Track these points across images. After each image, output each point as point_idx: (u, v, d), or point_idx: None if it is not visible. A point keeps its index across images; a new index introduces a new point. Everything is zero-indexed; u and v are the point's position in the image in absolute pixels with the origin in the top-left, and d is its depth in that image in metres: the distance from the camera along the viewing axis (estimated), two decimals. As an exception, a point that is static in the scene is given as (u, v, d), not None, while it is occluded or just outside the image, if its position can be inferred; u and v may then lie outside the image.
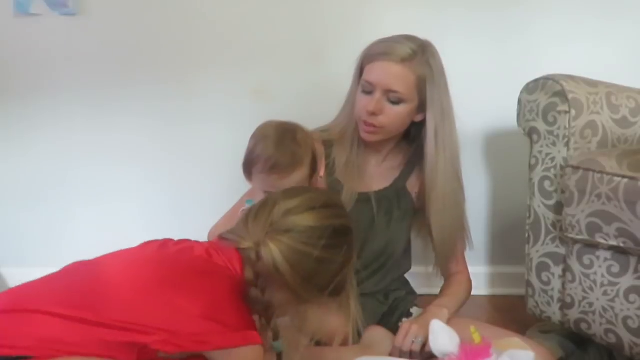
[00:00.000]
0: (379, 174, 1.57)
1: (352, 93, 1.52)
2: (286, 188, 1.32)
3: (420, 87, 1.43)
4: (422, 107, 1.46)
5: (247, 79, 2.15)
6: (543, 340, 1.61)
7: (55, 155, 2.23)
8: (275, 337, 1.08)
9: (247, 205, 1.41)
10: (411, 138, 1.58)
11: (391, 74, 1.41)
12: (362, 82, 1.45)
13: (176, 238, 2.21)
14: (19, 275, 2.26)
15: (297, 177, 1.35)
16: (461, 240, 1.61)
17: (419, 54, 1.43)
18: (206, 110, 2.18)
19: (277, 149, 1.33)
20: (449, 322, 1.33)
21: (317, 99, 1.54)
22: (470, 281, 1.63)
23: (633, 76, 1.76)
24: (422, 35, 1.51)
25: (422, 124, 1.50)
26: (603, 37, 2.07)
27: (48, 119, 2.19)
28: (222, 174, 2.18)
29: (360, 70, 1.48)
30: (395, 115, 1.44)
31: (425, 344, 1.33)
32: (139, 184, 2.24)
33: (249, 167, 1.38)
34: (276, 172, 1.33)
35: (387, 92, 1.41)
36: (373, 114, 1.42)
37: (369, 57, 1.45)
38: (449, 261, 1.61)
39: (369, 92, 1.43)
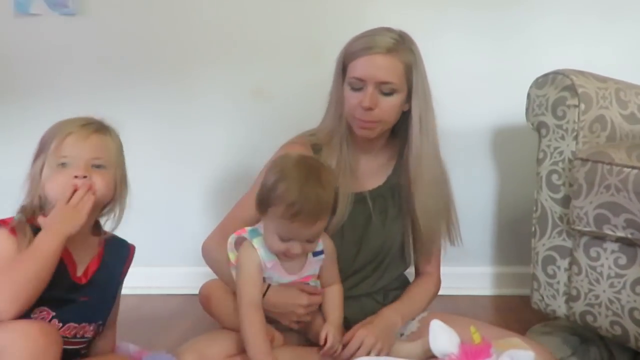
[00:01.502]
0: (371, 172, 1.56)
1: (335, 94, 1.50)
2: (306, 237, 1.27)
3: (408, 75, 1.43)
4: (409, 95, 1.46)
5: (247, 79, 2.16)
6: (543, 341, 1.61)
7: None
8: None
9: (249, 238, 1.33)
10: (395, 132, 1.57)
11: (381, 66, 1.40)
12: (349, 80, 1.43)
13: (176, 235, 2.22)
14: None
15: (321, 225, 1.27)
16: (440, 238, 1.58)
17: (401, 42, 1.43)
18: (206, 110, 2.19)
19: (302, 193, 1.21)
20: (448, 321, 1.31)
21: (317, 99, 1.54)
22: (438, 284, 1.60)
23: (633, 75, 1.78)
24: (422, 34, 1.52)
25: (405, 114, 1.50)
26: (603, 36, 2.09)
27: (47, 119, 2.13)
28: (222, 174, 2.20)
29: (343, 70, 1.47)
30: (389, 107, 1.43)
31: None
32: (138, 184, 2.23)
33: (265, 205, 1.27)
34: (299, 220, 1.22)
35: (379, 84, 1.40)
36: (369, 109, 1.41)
37: (352, 54, 1.44)
38: (424, 257, 1.59)
39: (358, 89, 1.42)
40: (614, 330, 1.39)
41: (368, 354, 1.31)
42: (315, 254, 1.36)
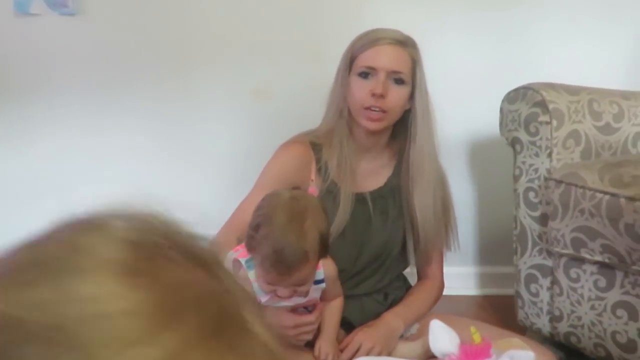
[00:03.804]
0: (371, 173, 1.55)
1: (338, 90, 1.48)
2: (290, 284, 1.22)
3: (414, 71, 1.44)
4: (412, 93, 1.45)
5: (246, 79, 2.14)
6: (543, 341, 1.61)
7: (54, 155, 2.22)
8: None
9: (245, 268, 1.28)
10: (395, 133, 1.56)
11: (393, 55, 1.41)
12: (359, 70, 1.42)
13: None
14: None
15: (303, 273, 1.22)
16: (441, 240, 1.55)
17: (409, 39, 1.44)
18: (206, 110, 2.18)
19: (278, 244, 1.16)
20: (448, 321, 1.30)
21: (317, 99, 1.53)
22: (441, 287, 1.58)
23: (631, 77, 1.74)
24: (421, 34, 1.50)
25: (406, 114, 1.48)
26: (602, 38, 2.06)
27: (47, 118, 2.19)
28: (222, 173, 2.19)
29: (350, 64, 1.46)
30: (398, 97, 1.42)
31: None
32: (139, 184, 2.24)
33: (249, 246, 1.24)
34: (276, 272, 1.19)
35: (391, 73, 1.40)
36: (381, 96, 1.39)
37: (361, 47, 1.44)
38: (425, 259, 1.57)
39: (368, 78, 1.41)
40: (598, 352, 1.38)
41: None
42: (316, 282, 1.32)
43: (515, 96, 1.52)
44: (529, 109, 1.49)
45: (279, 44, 2.11)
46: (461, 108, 2.12)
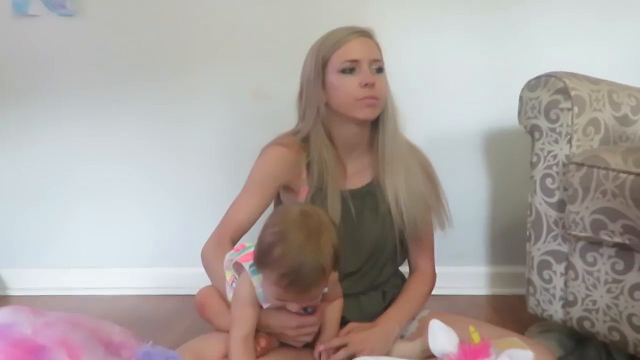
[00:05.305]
0: (358, 171, 1.55)
1: (314, 95, 1.49)
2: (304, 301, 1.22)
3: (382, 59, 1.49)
4: None
5: (246, 80, 2.16)
6: (542, 340, 1.61)
7: (52, 156, 2.23)
8: None
9: (248, 272, 1.26)
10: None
11: (369, 45, 1.46)
12: (340, 67, 1.44)
13: (174, 236, 2.19)
14: (16, 276, 2.24)
15: (319, 289, 1.22)
16: (428, 229, 1.56)
17: (370, 29, 1.49)
18: (205, 111, 2.18)
19: (296, 262, 1.15)
20: (447, 321, 1.30)
21: None
22: (432, 279, 1.59)
23: (632, 75, 1.77)
24: (422, 33, 1.50)
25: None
26: (602, 36, 2.09)
27: (46, 119, 2.20)
28: (220, 174, 2.20)
29: (323, 69, 1.47)
30: (385, 84, 1.47)
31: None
32: (137, 185, 2.24)
33: (261, 264, 1.21)
34: (293, 291, 1.19)
35: (372, 62, 1.44)
36: (373, 84, 1.42)
37: (334, 45, 1.46)
38: (414, 251, 1.58)
39: (351, 73, 1.43)
40: (612, 336, 1.38)
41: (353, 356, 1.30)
42: None
43: (537, 84, 1.54)
44: (550, 95, 1.50)
45: (278, 44, 2.14)
46: (460, 107, 2.15)
